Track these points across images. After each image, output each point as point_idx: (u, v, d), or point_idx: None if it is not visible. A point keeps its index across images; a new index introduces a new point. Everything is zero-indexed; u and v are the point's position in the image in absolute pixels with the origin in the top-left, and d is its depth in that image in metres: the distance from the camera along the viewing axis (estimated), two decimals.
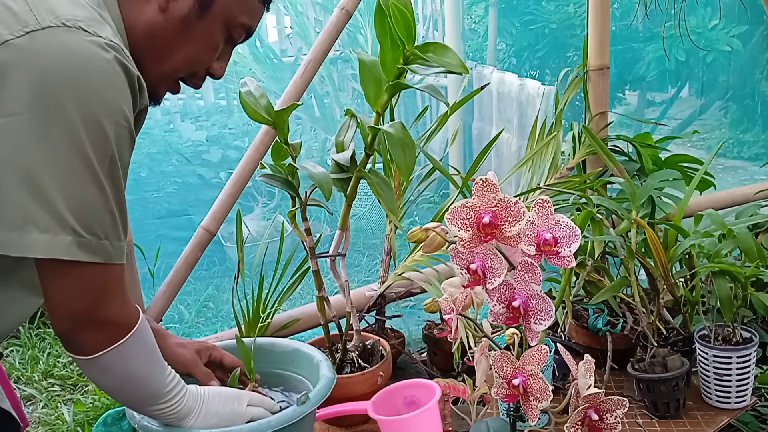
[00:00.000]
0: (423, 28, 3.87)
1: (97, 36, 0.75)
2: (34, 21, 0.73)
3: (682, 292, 1.56)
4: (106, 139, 0.76)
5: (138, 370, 0.90)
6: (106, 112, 0.75)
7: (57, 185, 0.74)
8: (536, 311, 0.94)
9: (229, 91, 3.60)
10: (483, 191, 0.91)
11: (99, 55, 0.75)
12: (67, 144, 0.74)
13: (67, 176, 0.74)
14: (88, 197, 0.76)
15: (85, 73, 0.74)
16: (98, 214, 0.78)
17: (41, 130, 0.72)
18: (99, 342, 0.84)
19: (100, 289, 0.81)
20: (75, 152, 0.74)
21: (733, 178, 3.18)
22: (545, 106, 2.56)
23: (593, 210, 1.56)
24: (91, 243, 0.77)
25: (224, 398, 1.05)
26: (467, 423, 1.32)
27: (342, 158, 1.36)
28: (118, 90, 0.77)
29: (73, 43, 0.74)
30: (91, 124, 0.74)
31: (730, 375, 1.42)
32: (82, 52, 0.74)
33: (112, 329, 0.85)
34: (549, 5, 3.35)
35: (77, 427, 2.32)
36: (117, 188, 0.80)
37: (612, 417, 0.95)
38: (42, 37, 0.72)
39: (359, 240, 3.50)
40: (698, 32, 2.86)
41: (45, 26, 0.73)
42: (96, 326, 0.83)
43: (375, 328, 1.70)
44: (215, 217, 1.66)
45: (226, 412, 1.04)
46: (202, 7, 0.87)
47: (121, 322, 0.85)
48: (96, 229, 0.78)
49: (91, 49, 0.74)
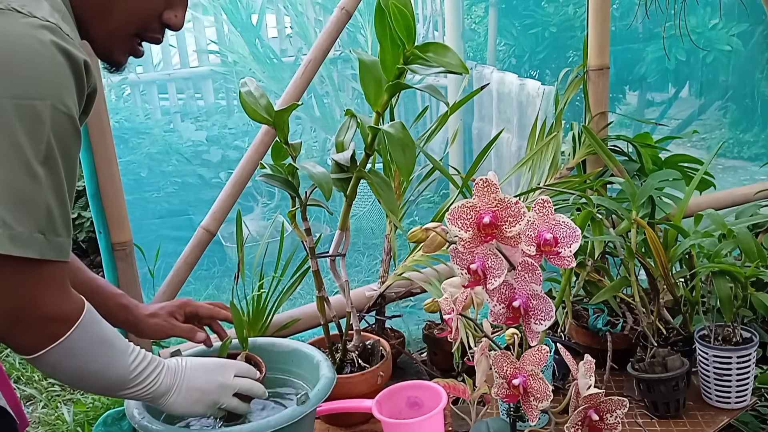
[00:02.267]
0: (423, 28, 3.87)
1: (31, 17, 0.71)
2: None
3: (682, 292, 1.56)
4: (41, 125, 0.71)
5: (89, 363, 0.84)
6: (41, 96, 0.71)
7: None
8: (536, 311, 0.94)
9: (229, 91, 3.60)
10: (483, 191, 0.91)
11: (34, 37, 0.70)
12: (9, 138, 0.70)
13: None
14: (18, 186, 0.71)
15: (17, 56, 0.70)
16: (31, 204, 0.72)
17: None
18: (37, 341, 0.79)
19: (33, 287, 0.76)
20: (5, 138, 0.69)
21: (733, 178, 3.18)
22: (545, 106, 2.56)
23: (593, 210, 1.56)
24: (22, 236, 0.72)
25: (208, 370, 0.99)
26: (467, 423, 1.32)
27: (342, 158, 1.36)
28: (54, 74, 0.72)
29: (5, 26, 0.70)
30: (23, 109, 0.70)
31: (730, 375, 1.42)
32: (15, 34, 0.70)
33: (51, 327, 0.79)
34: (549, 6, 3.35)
35: (77, 427, 2.32)
36: (55, 178, 0.75)
37: (612, 417, 0.95)
38: None
39: (359, 240, 3.50)
40: (698, 32, 2.86)
41: None
42: (30, 325, 0.78)
43: (375, 328, 1.70)
44: (215, 217, 1.66)
45: (211, 386, 0.99)
46: None
47: (59, 318, 0.80)
48: (27, 220, 0.72)
49: (25, 31, 0.70)
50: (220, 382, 1.00)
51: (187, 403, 0.96)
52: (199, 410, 1.00)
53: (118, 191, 1.50)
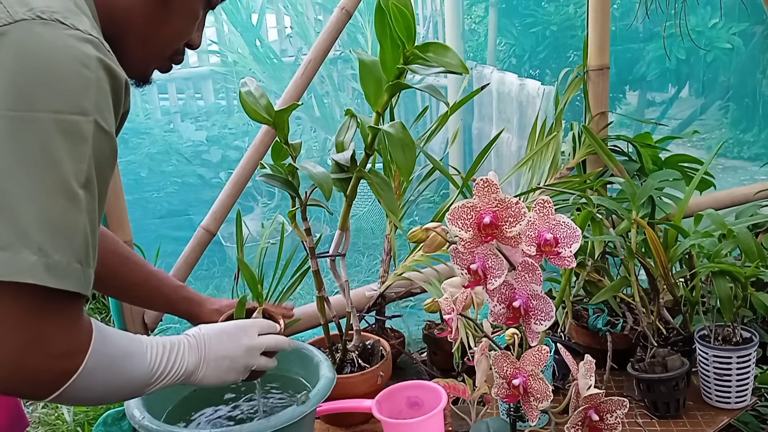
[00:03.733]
0: (423, 28, 3.87)
1: (75, 29, 0.68)
2: (5, 14, 0.65)
3: (682, 292, 1.56)
4: (84, 143, 0.67)
5: (110, 383, 0.77)
6: (84, 111, 0.67)
7: (22, 192, 0.64)
8: (536, 311, 0.94)
9: (229, 91, 3.60)
10: (483, 191, 0.91)
11: (78, 50, 0.67)
12: (38, 146, 0.64)
13: (34, 182, 0.64)
14: (56, 209, 0.65)
15: (61, 69, 0.66)
16: (69, 230, 0.66)
17: (11, 132, 0.64)
18: (51, 383, 0.69)
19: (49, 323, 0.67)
20: (44, 156, 0.64)
21: (733, 178, 3.18)
22: (545, 106, 2.56)
23: (593, 210, 1.56)
24: (59, 265, 0.65)
25: (231, 335, 0.95)
26: (467, 423, 1.32)
27: (342, 158, 1.36)
28: (98, 90, 0.68)
29: (50, 38, 0.66)
30: (66, 125, 0.65)
31: (730, 375, 1.42)
32: (60, 48, 0.66)
33: (63, 363, 0.69)
34: (549, 6, 3.35)
35: (77, 427, 2.32)
36: (92, 203, 0.69)
37: (612, 417, 0.95)
38: (16, 31, 0.65)
39: (359, 240, 3.50)
40: (698, 31, 2.86)
41: (18, 19, 0.65)
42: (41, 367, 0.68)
43: (375, 328, 1.70)
44: (215, 217, 1.66)
45: (239, 351, 0.94)
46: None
47: (71, 352, 0.70)
48: (66, 248, 0.65)
49: (69, 43, 0.66)
50: (247, 344, 0.96)
51: (219, 374, 0.93)
52: (231, 378, 0.95)
53: (118, 191, 1.50)
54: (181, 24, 0.86)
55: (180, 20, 0.85)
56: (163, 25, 0.84)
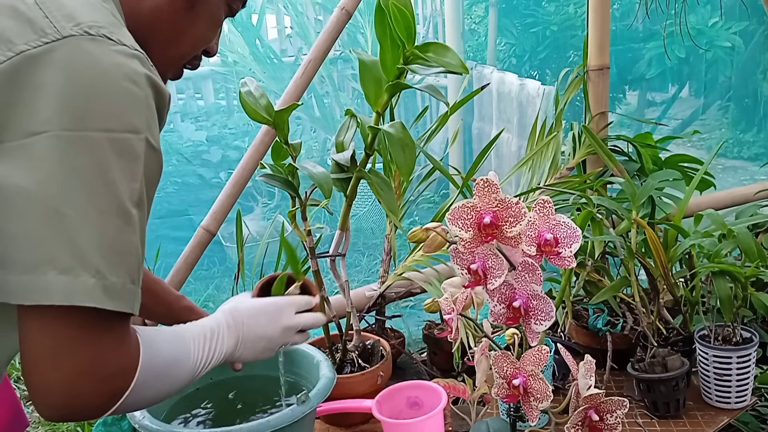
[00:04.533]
0: (423, 28, 3.87)
1: (122, 44, 0.66)
2: (52, 30, 0.63)
3: (682, 292, 1.56)
4: (136, 161, 0.66)
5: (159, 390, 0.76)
6: (136, 129, 0.66)
7: (79, 214, 0.62)
8: (537, 311, 0.94)
9: (229, 91, 3.60)
10: (483, 191, 0.91)
11: (127, 66, 0.66)
12: (93, 166, 0.63)
13: (91, 204, 0.63)
14: (111, 230, 0.64)
15: (111, 87, 0.65)
16: (124, 251, 0.65)
17: (66, 152, 0.62)
18: (101, 404, 0.68)
19: (102, 344, 0.66)
20: (98, 176, 0.63)
21: (733, 178, 3.18)
22: (545, 106, 2.56)
23: (593, 210, 1.56)
24: (115, 286, 0.64)
25: (269, 315, 0.94)
26: (467, 423, 1.32)
27: (342, 158, 1.36)
28: (147, 107, 0.68)
29: (99, 55, 0.64)
30: (119, 143, 0.64)
31: (730, 375, 1.42)
32: (109, 65, 0.65)
33: (113, 383, 0.68)
34: (549, 6, 3.36)
35: (77, 427, 2.32)
36: (142, 221, 0.68)
37: (612, 417, 0.95)
38: (64, 48, 0.63)
39: (359, 240, 3.50)
40: (699, 29, 2.86)
41: (66, 35, 0.63)
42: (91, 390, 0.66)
43: (375, 328, 1.70)
44: (215, 217, 1.66)
45: (276, 332, 0.94)
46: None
47: (120, 372, 0.69)
48: (121, 269, 0.65)
49: (118, 61, 0.65)
50: (284, 325, 0.95)
51: (255, 353, 0.93)
52: (266, 355, 0.96)
53: None
54: (205, 30, 0.85)
55: (204, 26, 0.85)
56: (187, 31, 0.83)
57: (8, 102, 0.62)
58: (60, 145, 0.62)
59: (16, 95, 0.62)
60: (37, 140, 0.62)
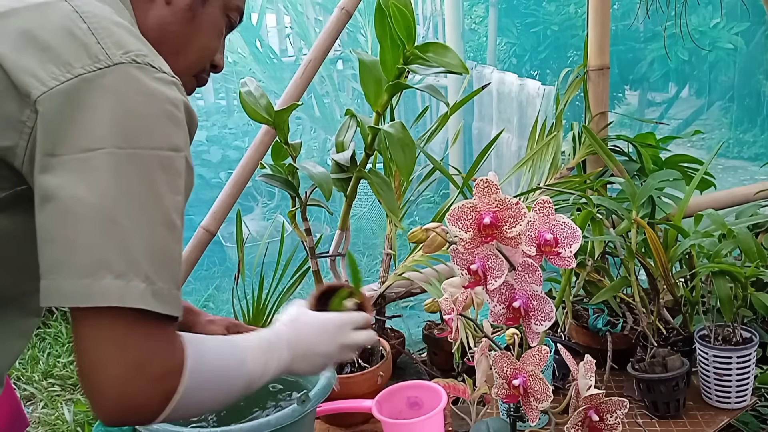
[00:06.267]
0: (423, 28, 3.87)
1: (162, 72, 0.73)
2: (104, 56, 0.69)
3: (682, 292, 1.56)
4: (179, 177, 0.72)
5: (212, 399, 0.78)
6: (177, 148, 0.72)
7: (131, 224, 0.68)
8: (537, 312, 0.94)
9: (229, 91, 3.60)
10: (483, 192, 0.91)
11: (169, 92, 0.72)
12: (143, 180, 0.69)
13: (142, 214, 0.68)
14: (159, 239, 0.70)
15: (159, 112, 0.71)
16: (169, 258, 0.71)
17: (119, 167, 0.67)
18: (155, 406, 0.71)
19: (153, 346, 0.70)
20: (149, 191, 0.69)
21: (733, 178, 3.18)
22: (545, 106, 2.56)
23: (593, 210, 1.56)
24: (163, 291, 0.69)
25: (327, 332, 0.95)
26: (467, 423, 1.32)
27: (342, 158, 1.36)
28: (183, 129, 0.74)
29: (146, 82, 0.71)
30: (165, 161, 0.70)
31: (730, 375, 1.42)
32: (155, 91, 0.71)
33: (164, 384, 0.71)
34: (550, 5, 3.36)
35: (77, 427, 2.32)
36: (181, 231, 0.74)
37: (612, 417, 0.95)
38: (115, 74, 0.69)
39: (359, 240, 3.50)
40: (701, 31, 2.86)
41: (116, 62, 0.69)
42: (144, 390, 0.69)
43: (375, 328, 1.70)
44: (215, 217, 1.66)
45: (333, 350, 0.94)
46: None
47: (171, 372, 0.72)
48: (167, 275, 0.70)
49: (161, 87, 0.72)
50: (343, 343, 0.96)
51: (312, 368, 0.93)
52: (321, 371, 0.97)
53: None
54: (208, 39, 0.90)
55: (207, 35, 0.90)
56: (192, 41, 0.88)
57: (66, 119, 0.67)
58: (114, 160, 0.67)
59: (74, 114, 0.67)
60: (93, 155, 0.67)
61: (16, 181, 0.70)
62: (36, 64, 0.67)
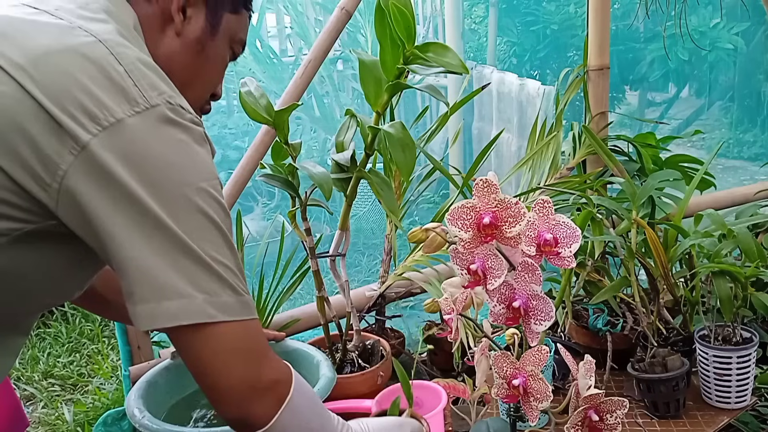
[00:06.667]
0: (423, 28, 3.88)
1: (189, 113, 0.76)
2: (143, 99, 0.72)
3: (682, 292, 1.56)
4: (223, 198, 0.78)
5: (310, 420, 0.86)
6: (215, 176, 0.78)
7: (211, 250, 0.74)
8: (536, 312, 0.94)
9: (229, 91, 3.60)
10: (483, 192, 0.91)
11: (200, 129, 0.77)
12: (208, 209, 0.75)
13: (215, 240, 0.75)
14: (232, 256, 0.77)
15: (197, 148, 0.76)
16: (241, 271, 0.78)
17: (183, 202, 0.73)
18: (271, 406, 0.80)
19: (257, 346, 0.78)
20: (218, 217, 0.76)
21: (733, 178, 3.18)
22: (545, 106, 2.56)
23: (593, 210, 1.56)
24: (248, 301, 0.77)
25: (387, 426, 1.07)
26: (467, 423, 1.32)
27: (342, 158, 1.36)
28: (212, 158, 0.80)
29: (180, 121, 0.74)
30: (215, 188, 0.76)
31: (730, 375, 1.42)
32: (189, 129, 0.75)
33: (278, 388, 0.81)
34: (550, 5, 3.36)
35: (77, 427, 2.32)
36: None
37: (612, 417, 0.95)
38: (154, 115, 0.72)
39: (359, 240, 3.51)
40: (700, 31, 2.86)
41: (154, 104, 0.72)
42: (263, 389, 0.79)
43: (375, 328, 1.70)
44: None
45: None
46: (212, 26, 0.89)
47: (282, 378, 0.82)
48: (244, 286, 0.78)
49: (192, 126, 0.76)
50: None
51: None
52: None
53: None
54: (214, 72, 0.94)
55: (213, 68, 0.93)
56: (200, 73, 0.91)
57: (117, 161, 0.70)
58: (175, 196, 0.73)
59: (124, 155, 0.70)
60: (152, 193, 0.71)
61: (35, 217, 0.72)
62: (78, 109, 0.69)
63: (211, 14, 0.89)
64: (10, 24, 0.73)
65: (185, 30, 0.87)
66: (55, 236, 0.74)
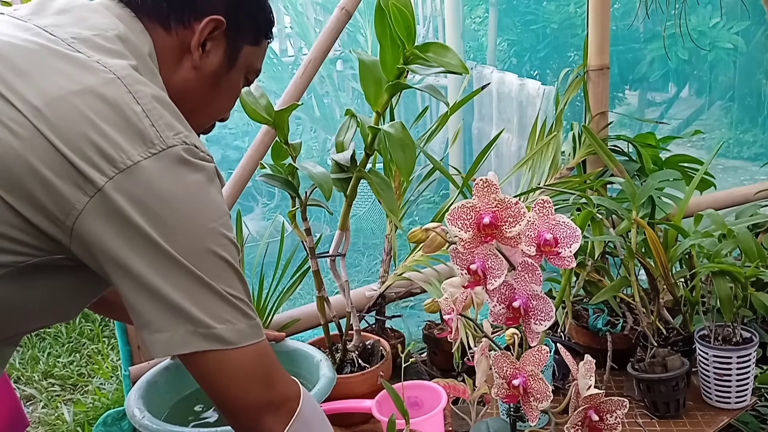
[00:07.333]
0: (423, 28, 3.87)
1: (202, 151, 0.78)
2: (159, 140, 0.73)
3: (682, 292, 1.56)
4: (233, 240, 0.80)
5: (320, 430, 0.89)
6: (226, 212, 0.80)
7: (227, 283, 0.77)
8: (536, 311, 0.94)
9: None
10: (483, 191, 0.91)
11: (213, 167, 0.79)
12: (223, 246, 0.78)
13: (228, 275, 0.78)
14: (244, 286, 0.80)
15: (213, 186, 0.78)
16: (247, 299, 0.81)
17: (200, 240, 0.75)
18: (282, 420, 0.83)
19: (267, 369, 0.82)
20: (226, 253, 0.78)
21: (733, 178, 3.18)
22: (545, 106, 2.56)
23: (593, 210, 1.56)
24: (258, 324, 0.80)
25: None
26: (467, 423, 1.32)
27: (342, 158, 1.36)
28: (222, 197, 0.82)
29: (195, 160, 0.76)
30: (226, 224, 0.79)
31: (730, 375, 1.42)
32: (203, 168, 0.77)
33: (289, 402, 0.84)
34: (550, 5, 3.36)
35: (77, 427, 2.32)
36: None
37: (612, 417, 0.95)
38: (171, 156, 0.73)
39: (359, 240, 3.50)
40: (700, 30, 2.86)
41: (170, 145, 0.73)
42: (275, 406, 0.82)
43: (375, 328, 1.70)
44: None
45: None
46: (230, 59, 0.89)
47: (292, 394, 0.85)
48: (250, 311, 0.80)
49: (206, 164, 0.77)
50: None
51: None
52: None
53: None
54: (226, 103, 0.95)
55: (225, 99, 0.95)
56: (211, 103, 0.92)
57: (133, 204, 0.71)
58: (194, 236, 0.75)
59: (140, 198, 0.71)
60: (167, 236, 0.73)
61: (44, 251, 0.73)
62: (95, 152, 0.70)
63: (231, 48, 0.89)
64: (29, 58, 0.73)
65: (203, 63, 0.87)
66: (61, 268, 0.76)
